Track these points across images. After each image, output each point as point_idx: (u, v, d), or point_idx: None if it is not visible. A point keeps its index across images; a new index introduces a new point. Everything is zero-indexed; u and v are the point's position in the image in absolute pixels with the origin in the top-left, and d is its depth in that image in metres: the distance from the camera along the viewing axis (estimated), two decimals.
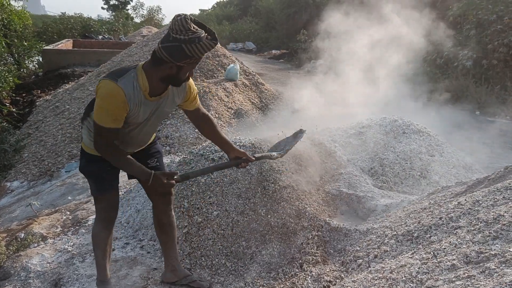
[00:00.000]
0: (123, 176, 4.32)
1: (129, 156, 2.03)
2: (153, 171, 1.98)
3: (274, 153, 2.45)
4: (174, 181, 2.00)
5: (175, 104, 2.12)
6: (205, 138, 2.41)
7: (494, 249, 1.75)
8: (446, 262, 1.81)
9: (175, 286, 2.51)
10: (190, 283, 2.50)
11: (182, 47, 1.75)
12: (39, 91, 9.41)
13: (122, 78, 1.86)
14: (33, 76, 11.76)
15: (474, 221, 2.08)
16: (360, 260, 2.44)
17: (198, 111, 2.26)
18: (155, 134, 2.37)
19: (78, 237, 3.14)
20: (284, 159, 3.42)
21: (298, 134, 2.63)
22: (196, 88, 2.21)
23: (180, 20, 1.74)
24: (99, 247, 2.29)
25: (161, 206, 2.39)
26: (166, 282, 2.54)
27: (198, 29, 1.78)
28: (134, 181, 3.97)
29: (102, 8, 35.84)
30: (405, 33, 8.21)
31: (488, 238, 1.87)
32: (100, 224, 2.27)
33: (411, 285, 1.79)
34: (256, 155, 2.36)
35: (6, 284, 2.57)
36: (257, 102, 7.15)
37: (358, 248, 2.60)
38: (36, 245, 3.06)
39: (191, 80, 2.10)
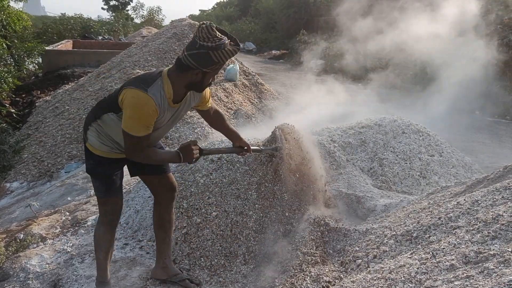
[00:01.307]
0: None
1: (156, 149, 2.12)
2: (177, 149, 2.06)
3: (267, 148, 2.92)
4: (198, 151, 2.12)
5: (190, 107, 2.18)
6: (214, 130, 2.61)
7: (493, 249, 1.75)
8: (445, 262, 1.81)
9: (166, 284, 2.52)
10: (180, 282, 2.50)
11: (209, 53, 1.80)
12: (39, 92, 9.42)
13: (151, 88, 1.89)
14: (33, 77, 11.76)
15: (473, 221, 2.08)
16: (359, 260, 2.43)
17: (211, 109, 2.37)
18: None
19: (78, 237, 3.13)
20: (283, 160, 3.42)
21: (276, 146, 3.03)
22: (209, 88, 2.27)
23: (206, 28, 1.80)
24: (101, 249, 2.30)
25: (164, 202, 2.42)
26: (155, 279, 2.55)
27: (222, 36, 1.84)
28: (133, 181, 3.97)
29: (102, 8, 35.84)
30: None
31: (487, 238, 1.87)
32: (104, 227, 2.27)
33: (410, 285, 1.79)
34: (253, 148, 2.62)
35: (5, 285, 2.57)
36: (256, 102, 7.16)
37: (357, 248, 2.60)
38: (35, 245, 3.06)
39: None
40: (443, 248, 1.95)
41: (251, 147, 2.52)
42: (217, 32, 1.82)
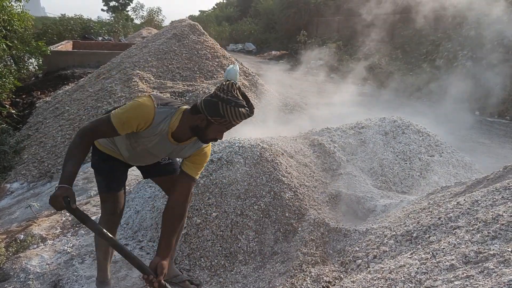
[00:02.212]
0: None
1: (80, 159, 1.89)
2: (66, 185, 1.80)
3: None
4: (65, 205, 1.79)
5: (185, 155, 2.09)
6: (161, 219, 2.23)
7: (493, 249, 1.76)
8: (445, 262, 1.82)
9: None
10: (180, 283, 2.50)
11: (218, 104, 1.81)
12: (39, 93, 9.43)
13: (163, 107, 1.93)
14: (33, 78, 11.77)
15: (473, 221, 2.08)
16: (359, 261, 2.44)
17: (188, 181, 2.05)
18: None
19: (78, 238, 3.14)
20: (283, 161, 3.42)
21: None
22: (207, 160, 2.13)
23: (228, 84, 1.84)
24: (101, 248, 2.30)
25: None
26: None
27: (240, 97, 1.85)
28: (133, 182, 3.97)
29: (102, 9, 35.93)
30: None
31: (487, 238, 1.87)
32: (105, 225, 2.28)
33: (410, 285, 1.79)
34: (166, 285, 1.91)
35: (6, 285, 2.57)
36: (256, 102, 7.16)
37: (357, 249, 2.60)
38: (35, 246, 3.06)
39: (209, 147, 2.11)
40: (443, 248, 1.95)
41: (165, 282, 1.88)
42: (237, 91, 1.86)
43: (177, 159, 2.42)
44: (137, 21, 32.57)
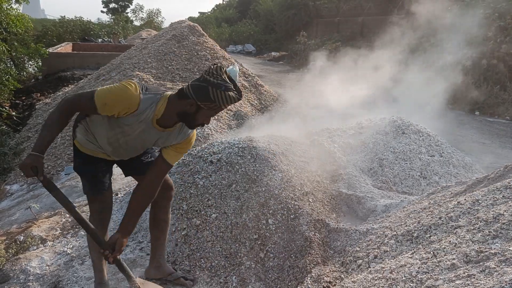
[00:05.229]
0: (122, 178, 4.28)
1: (56, 128, 1.91)
2: (36, 153, 1.83)
3: (135, 280, 2.15)
4: (33, 174, 1.83)
5: (169, 143, 2.08)
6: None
7: (494, 248, 1.75)
8: (446, 261, 1.81)
9: (164, 284, 2.52)
10: (175, 280, 2.50)
11: (208, 88, 1.81)
12: (39, 94, 9.44)
13: (148, 94, 1.91)
14: (33, 80, 11.78)
15: (474, 221, 2.08)
16: (360, 261, 2.43)
17: (166, 167, 2.09)
18: None
19: (78, 239, 3.13)
20: (283, 161, 3.42)
21: None
22: (190, 148, 2.19)
23: (216, 67, 1.84)
24: (94, 249, 2.29)
25: (161, 201, 2.41)
26: (150, 279, 2.54)
27: (229, 81, 1.85)
28: (133, 183, 3.96)
29: (102, 11, 35.99)
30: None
31: (488, 237, 1.86)
32: (95, 223, 2.27)
33: (411, 285, 1.79)
34: (122, 262, 2.07)
35: (6, 287, 2.56)
36: (256, 103, 7.16)
37: (358, 249, 2.60)
38: (35, 247, 3.05)
39: (195, 135, 2.13)
40: (444, 248, 1.95)
41: (118, 257, 2.01)
42: (225, 75, 1.85)
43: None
44: (137, 23, 32.65)
